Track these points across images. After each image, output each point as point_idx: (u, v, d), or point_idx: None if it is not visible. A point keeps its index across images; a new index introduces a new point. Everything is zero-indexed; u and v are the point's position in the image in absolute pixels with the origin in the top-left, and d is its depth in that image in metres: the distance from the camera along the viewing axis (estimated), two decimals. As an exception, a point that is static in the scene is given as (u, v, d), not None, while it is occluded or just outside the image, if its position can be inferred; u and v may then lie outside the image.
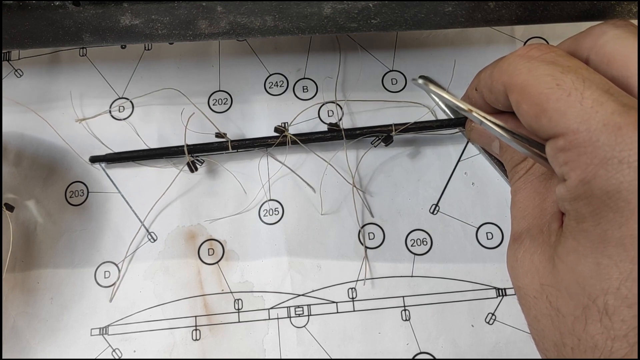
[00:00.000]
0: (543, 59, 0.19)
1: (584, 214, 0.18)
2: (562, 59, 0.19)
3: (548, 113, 0.18)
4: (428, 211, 0.33)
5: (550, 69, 0.18)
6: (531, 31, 0.35)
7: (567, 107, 0.17)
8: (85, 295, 0.32)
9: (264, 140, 0.32)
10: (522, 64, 0.20)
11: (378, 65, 0.35)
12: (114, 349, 0.31)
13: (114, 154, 0.33)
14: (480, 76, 0.23)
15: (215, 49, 0.36)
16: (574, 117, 0.17)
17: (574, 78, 0.18)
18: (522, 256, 0.21)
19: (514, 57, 0.20)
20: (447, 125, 0.30)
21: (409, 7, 0.28)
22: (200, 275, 0.32)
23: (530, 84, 0.19)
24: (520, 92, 0.19)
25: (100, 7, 0.28)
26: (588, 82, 0.18)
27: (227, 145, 0.32)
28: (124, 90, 0.36)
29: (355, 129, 0.31)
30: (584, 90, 0.17)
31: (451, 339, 0.31)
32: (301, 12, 0.28)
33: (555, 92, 0.18)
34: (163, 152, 0.33)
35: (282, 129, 0.31)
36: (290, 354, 0.31)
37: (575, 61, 0.19)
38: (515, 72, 0.20)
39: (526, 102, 0.19)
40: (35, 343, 0.32)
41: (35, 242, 0.33)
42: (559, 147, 0.18)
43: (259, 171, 0.34)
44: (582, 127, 0.17)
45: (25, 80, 0.36)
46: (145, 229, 0.33)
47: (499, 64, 0.21)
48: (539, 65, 0.19)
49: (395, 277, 0.32)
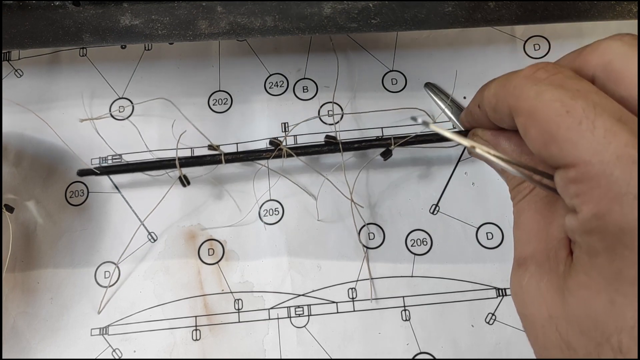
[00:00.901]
0: (551, 81, 0.18)
1: (596, 249, 0.17)
2: (571, 81, 0.18)
3: (558, 142, 0.17)
4: (428, 211, 0.33)
5: (559, 93, 0.18)
6: (531, 30, 0.35)
7: (578, 136, 0.17)
8: (85, 295, 0.32)
9: (259, 154, 0.31)
10: (529, 87, 0.19)
11: (378, 65, 0.35)
12: (114, 349, 0.31)
13: (102, 167, 0.32)
14: (484, 93, 0.22)
15: (215, 49, 0.36)
16: (586, 148, 0.16)
17: (584, 105, 0.17)
18: (528, 283, 0.21)
19: (520, 78, 0.19)
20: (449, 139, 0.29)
21: (409, 7, 0.28)
22: (200, 275, 0.32)
23: (539, 110, 0.18)
24: (528, 118, 0.18)
25: (100, 7, 0.28)
26: (599, 109, 0.17)
27: (221, 159, 0.30)
28: (124, 90, 0.36)
29: (353, 142, 0.30)
30: (596, 119, 0.17)
31: (451, 339, 0.31)
32: (301, 12, 0.28)
33: (565, 120, 0.17)
34: (154, 165, 0.32)
35: (277, 142, 0.30)
36: (291, 354, 0.31)
37: (585, 84, 0.18)
38: (521, 96, 0.19)
39: (534, 128, 0.18)
40: (35, 343, 0.32)
41: (35, 242, 0.33)
42: (570, 178, 0.17)
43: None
44: (595, 159, 0.16)
45: (25, 80, 0.36)
46: (145, 229, 0.33)
47: (504, 85, 0.20)
48: (547, 89, 0.18)
49: (395, 277, 0.32)
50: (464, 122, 0.26)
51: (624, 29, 0.34)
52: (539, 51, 0.35)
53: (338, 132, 0.32)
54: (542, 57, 0.34)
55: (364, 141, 0.30)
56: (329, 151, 0.30)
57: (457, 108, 0.33)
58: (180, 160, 0.31)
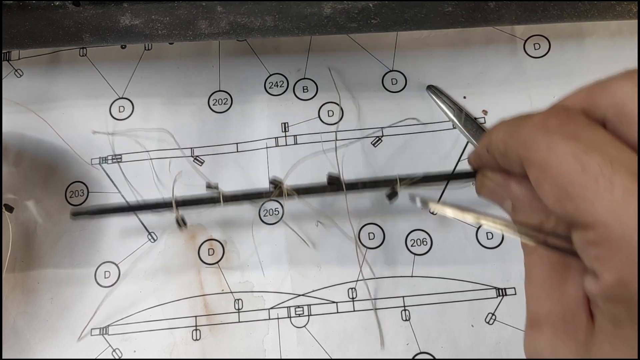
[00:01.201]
0: (563, 132, 0.17)
1: (621, 318, 0.16)
2: (584, 131, 0.17)
3: (574, 201, 0.16)
4: (428, 211, 0.33)
5: (573, 146, 0.17)
6: (531, 30, 0.35)
7: (595, 196, 0.16)
8: (85, 295, 0.32)
9: (259, 194, 0.29)
10: (540, 137, 0.18)
11: (378, 65, 0.35)
12: (114, 349, 0.31)
13: (96, 208, 0.30)
14: (492, 137, 0.21)
15: (215, 49, 0.36)
16: (604, 209, 0.16)
17: (599, 160, 0.16)
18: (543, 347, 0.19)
19: (530, 127, 0.18)
20: (457, 177, 0.28)
21: (409, 7, 0.28)
22: (201, 275, 0.32)
23: (551, 164, 0.17)
24: (540, 171, 0.17)
25: (100, 7, 0.28)
26: (616, 164, 0.16)
27: (219, 199, 0.29)
28: (124, 90, 0.36)
29: (357, 182, 0.29)
30: (613, 176, 0.16)
31: (451, 339, 0.31)
32: (301, 12, 0.28)
33: (581, 177, 0.16)
34: (149, 206, 0.30)
35: (277, 182, 0.29)
36: (291, 354, 0.31)
37: (599, 133, 0.17)
38: (532, 147, 0.18)
39: (548, 183, 0.17)
40: (35, 343, 0.32)
41: (35, 243, 0.33)
42: (589, 240, 0.16)
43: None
44: (614, 221, 0.15)
45: (25, 80, 0.36)
46: (145, 229, 0.33)
47: (514, 133, 0.19)
48: (560, 142, 0.17)
49: (395, 277, 0.32)
50: (473, 164, 0.25)
51: (624, 29, 0.34)
52: (539, 50, 0.35)
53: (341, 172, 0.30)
54: (542, 56, 0.34)
55: (368, 181, 0.29)
56: (332, 191, 0.29)
57: (460, 111, 0.33)
58: (178, 201, 0.29)
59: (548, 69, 0.34)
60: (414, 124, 0.34)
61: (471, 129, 0.33)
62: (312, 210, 0.33)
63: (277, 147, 0.34)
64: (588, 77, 0.35)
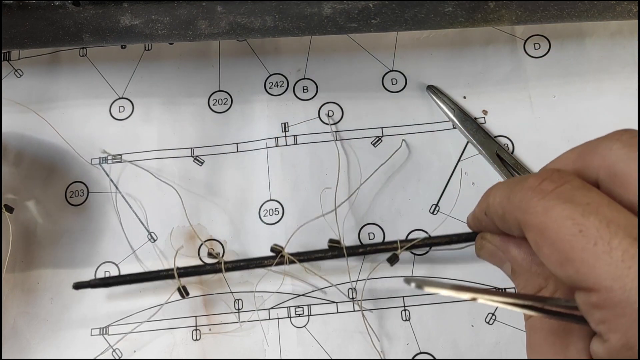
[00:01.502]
0: (559, 194, 0.17)
1: None
2: (579, 193, 0.17)
3: (574, 264, 0.16)
4: (428, 211, 0.33)
5: (569, 210, 0.17)
6: (531, 30, 0.35)
7: (595, 259, 0.16)
8: (85, 295, 0.32)
9: (260, 262, 0.29)
10: (536, 201, 0.18)
11: (378, 65, 0.35)
12: (114, 349, 0.31)
13: (99, 280, 0.30)
14: (489, 201, 0.21)
15: (215, 49, 0.36)
16: (605, 273, 0.16)
17: (597, 223, 0.16)
18: None
19: (526, 191, 0.18)
20: (457, 241, 0.28)
21: (409, 7, 0.28)
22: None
23: (549, 228, 0.17)
24: (539, 235, 0.18)
25: (100, 7, 0.28)
26: (613, 226, 0.16)
27: (221, 268, 0.29)
28: (124, 90, 0.36)
29: (358, 247, 0.29)
30: (611, 239, 0.16)
31: (451, 339, 0.31)
32: (301, 12, 0.28)
33: (579, 241, 0.16)
34: (152, 276, 0.30)
35: (279, 249, 0.29)
36: (291, 354, 0.31)
37: (594, 195, 0.17)
38: (529, 211, 0.18)
39: (547, 247, 0.17)
40: (35, 343, 0.32)
41: (35, 243, 0.33)
42: (593, 303, 0.16)
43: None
44: (616, 285, 0.15)
45: (25, 80, 0.36)
46: (145, 229, 0.33)
47: (509, 197, 0.19)
48: (556, 205, 0.17)
49: (395, 277, 0.32)
50: (472, 226, 0.25)
51: (624, 29, 0.34)
52: (539, 50, 0.35)
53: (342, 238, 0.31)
54: (542, 56, 0.34)
55: (369, 246, 0.29)
56: (333, 257, 0.29)
57: (460, 111, 0.33)
58: (179, 270, 0.29)
59: (548, 69, 0.34)
60: (414, 124, 0.34)
61: (471, 129, 0.33)
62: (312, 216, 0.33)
63: (277, 147, 0.34)
64: (588, 77, 0.35)
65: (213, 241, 0.33)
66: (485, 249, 0.24)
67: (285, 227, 0.33)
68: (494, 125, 0.34)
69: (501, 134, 0.33)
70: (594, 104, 0.33)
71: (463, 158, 0.33)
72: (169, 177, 0.34)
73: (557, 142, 0.33)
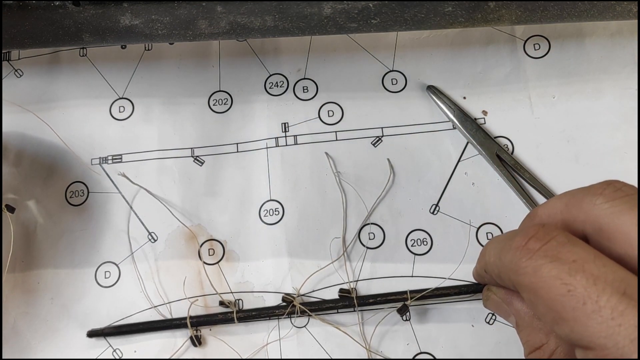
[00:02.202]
0: (545, 252, 0.18)
1: None
2: (565, 250, 0.17)
3: (569, 323, 0.17)
4: (428, 211, 0.33)
5: (557, 269, 0.17)
6: (531, 30, 0.35)
7: (586, 318, 0.16)
8: (85, 295, 0.32)
9: (272, 311, 0.30)
10: (525, 261, 0.18)
11: (378, 65, 0.35)
12: (114, 349, 0.31)
13: (112, 328, 0.31)
14: (486, 259, 0.22)
15: (215, 49, 0.36)
16: (597, 332, 0.16)
17: (583, 281, 0.16)
18: None
19: (514, 251, 0.19)
20: (465, 292, 0.29)
21: (409, 7, 0.28)
22: (201, 275, 0.32)
23: (540, 288, 0.17)
24: (531, 295, 0.18)
25: (100, 7, 0.28)
26: (600, 283, 0.16)
27: (233, 317, 0.30)
28: (124, 91, 0.36)
29: (369, 297, 0.30)
30: (599, 297, 0.16)
31: (451, 339, 0.31)
32: (301, 12, 0.28)
33: (569, 300, 0.16)
34: (165, 325, 0.31)
35: (290, 299, 0.30)
36: (291, 354, 0.31)
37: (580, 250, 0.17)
38: (520, 271, 0.18)
39: (541, 306, 0.18)
40: (35, 343, 0.32)
41: (35, 243, 0.33)
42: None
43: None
44: (609, 342, 0.16)
45: (25, 81, 0.36)
46: (145, 229, 0.33)
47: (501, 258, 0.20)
48: (543, 265, 0.17)
49: (395, 277, 0.32)
50: (477, 280, 0.26)
51: (624, 29, 0.34)
52: (539, 51, 0.35)
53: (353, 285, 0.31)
54: (542, 56, 0.34)
55: (379, 296, 0.30)
56: (343, 307, 0.30)
57: (460, 111, 0.33)
58: (192, 319, 0.30)
59: (548, 69, 0.34)
60: (414, 124, 0.34)
61: (471, 129, 0.33)
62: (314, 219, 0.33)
63: (277, 147, 0.34)
64: (588, 77, 0.36)
65: (213, 241, 0.33)
66: (491, 300, 0.25)
67: (286, 227, 0.33)
68: (493, 126, 0.34)
69: (501, 134, 0.33)
70: (594, 104, 0.33)
71: (463, 158, 0.33)
72: (169, 177, 0.34)
73: (557, 142, 0.33)
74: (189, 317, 0.30)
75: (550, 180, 0.32)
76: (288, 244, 0.32)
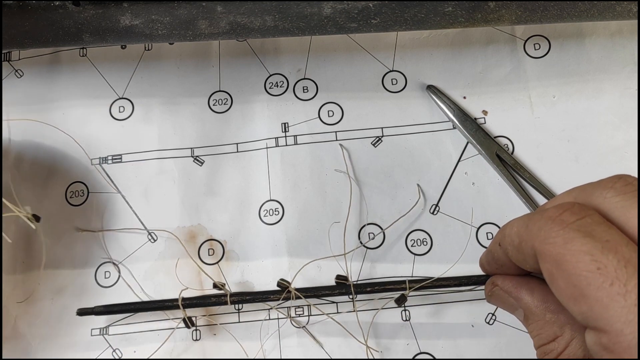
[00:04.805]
0: (579, 227, 0.17)
1: None
2: (600, 229, 0.17)
3: (589, 301, 0.16)
4: (428, 211, 0.33)
5: (589, 244, 0.17)
6: (531, 30, 0.35)
7: (610, 300, 0.16)
8: (86, 295, 0.32)
9: (266, 296, 0.30)
10: (556, 231, 0.18)
11: (378, 65, 0.35)
12: (114, 349, 0.31)
13: (103, 308, 0.30)
14: (505, 232, 0.21)
15: (215, 49, 0.36)
16: (618, 315, 0.16)
17: (615, 262, 0.16)
18: None
19: (546, 220, 0.18)
20: (466, 284, 0.28)
21: (409, 7, 0.28)
22: (201, 275, 0.32)
23: (567, 260, 0.17)
24: (555, 267, 0.17)
25: (100, 7, 0.28)
26: (631, 268, 0.16)
27: (226, 300, 0.29)
28: (124, 91, 0.36)
29: (366, 285, 0.29)
30: (627, 281, 0.16)
31: (451, 339, 0.31)
32: (301, 12, 0.28)
33: (597, 278, 0.16)
34: (157, 306, 0.30)
35: (285, 285, 0.29)
36: (291, 354, 0.31)
37: (614, 232, 0.17)
38: (548, 240, 0.18)
39: (562, 279, 0.17)
40: (35, 343, 0.32)
41: (35, 243, 0.33)
42: (602, 344, 0.16)
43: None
44: (628, 329, 0.15)
45: (26, 81, 0.36)
46: (145, 229, 0.33)
47: (528, 226, 0.19)
48: (575, 237, 0.17)
49: (395, 277, 0.32)
50: (483, 264, 0.25)
51: (624, 29, 0.34)
52: (539, 51, 0.35)
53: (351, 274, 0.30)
54: (542, 56, 0.34)
55: (377, 284, 0.29)
56: (340, 294, 0.29)
57: (460, 111, 0.33)
58: (184, 301, 0.30)
59: (548, 69, 0.34)
60: (414, 124, 0.34)
61: (471, 129, 0.33)
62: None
63: (277, 147, 0.34)
64: (588, 77, 0.36)
65: (213, 241, 0.33)
66: (496, 295, 0.24)
67: (286, 227, 0.33)
68: (493, 126, 0.34)
69: (501, 134, 0.33)
70: (594, 104, 0.33)
71: (463, 158, 0.33)
72: (169, 177, 0.34)
73: (557, 142, 0.33)
74: (181, 299, 0.30)
75: (550, 180, 0.32)
76: (288, 244, 0.32)
